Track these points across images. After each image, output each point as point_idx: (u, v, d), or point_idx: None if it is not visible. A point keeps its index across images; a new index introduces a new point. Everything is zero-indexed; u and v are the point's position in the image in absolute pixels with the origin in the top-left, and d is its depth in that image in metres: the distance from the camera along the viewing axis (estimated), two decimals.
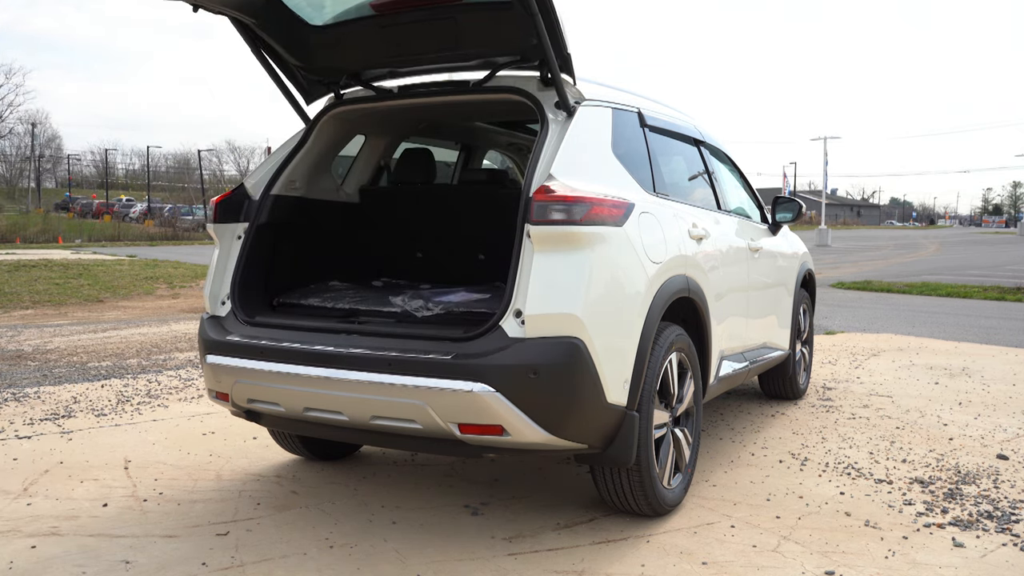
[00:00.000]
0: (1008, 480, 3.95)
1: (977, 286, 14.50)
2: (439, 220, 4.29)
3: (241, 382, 3.27)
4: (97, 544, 3.12)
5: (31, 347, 7.80)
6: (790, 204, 5.24)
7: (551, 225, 2.88)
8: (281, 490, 3.77)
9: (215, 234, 3.68)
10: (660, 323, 3.28)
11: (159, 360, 7.14)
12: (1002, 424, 5.03)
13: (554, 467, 4.12)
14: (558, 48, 3.13)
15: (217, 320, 3.50)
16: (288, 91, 3.80)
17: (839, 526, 3.35)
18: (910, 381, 6.34)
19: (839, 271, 19.40)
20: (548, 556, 3.04)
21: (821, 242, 36.42)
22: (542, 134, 3.14)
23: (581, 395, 2.88)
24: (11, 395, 5.62)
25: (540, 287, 2.86)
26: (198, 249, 28.88)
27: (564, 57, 3.19)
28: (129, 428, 4.82)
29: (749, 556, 3.04)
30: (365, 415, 3.03)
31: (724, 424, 5.05)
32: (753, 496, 3.70)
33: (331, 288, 3.86)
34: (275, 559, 3.00)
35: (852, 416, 5.22)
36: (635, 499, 3.29)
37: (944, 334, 9.00)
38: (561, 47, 3.13)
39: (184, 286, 14.29)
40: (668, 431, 3.45)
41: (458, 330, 3.01)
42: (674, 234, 3.48)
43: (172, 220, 42.64)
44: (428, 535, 3.23)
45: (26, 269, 16.08)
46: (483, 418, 2.83)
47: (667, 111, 4.23)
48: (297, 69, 3.74)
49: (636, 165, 3.51)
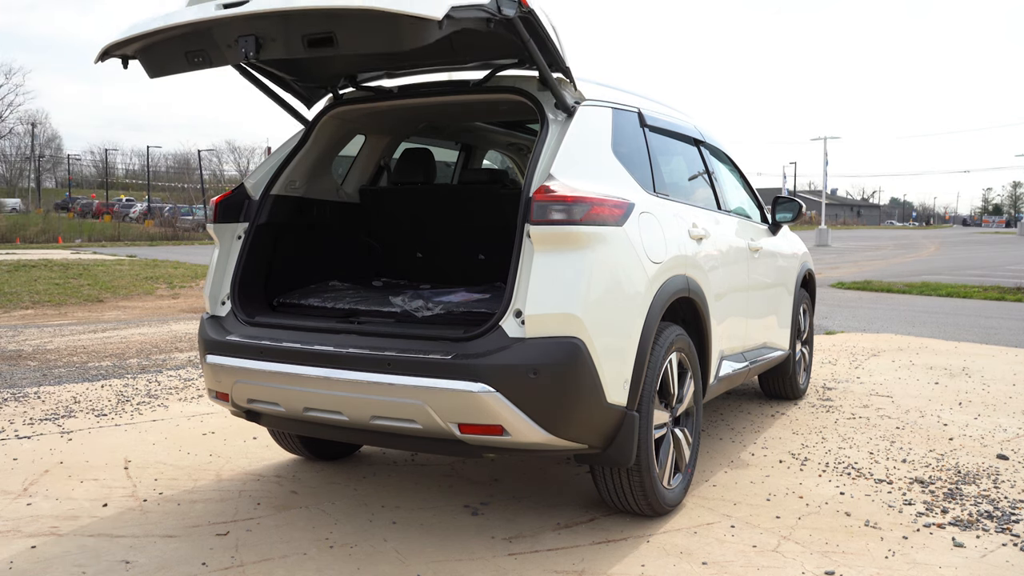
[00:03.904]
0: (1008, 480, 3.95)
1: (977, 286, 14.50)
2: (439, 220, 4.29)
3: (241, 382, 3.27)
4: (97, 544, 3.12)
5: (31, 347, 7.80)
6: (790, 204, 5.24)
7: (551, 225, 2.88)
8: (281, 490, 3.77)
9: (215, 234, 3.68)
10: (660, 323, 3.28)
11: (159, 360, 7.14)
12: (1002, 424, 5.03)
13: (554, 467, 4.12)
14: (555, 62, 3.13)
15: (217, 320, 3.50)
16: (286, 103, 3.80)
17: (839, 526, 3.35)
18: (910, 381, 6.34)
19: (839, 271, 19.40)
20: (548, 556, 3.04)
21: (821, 242, 36.41)
22: (542, 134, 3.14)
23: (581, 395, 2.88)
24: (11, 395, 5.62)
25: (540, 287, 2.86)
26: (198, 249, 28.87)
27: (563, 70, 3.21)
28: (129, 428, 4.82)
29: (749, 556, 3.04)
30: (365, 415, 3.03)
31: (724, 424, 5.05)
32: (753, 496, 3.70)
33: (331, 288, 3.86)
34: (275, 559, 3.00)
35: (852, 416, 5.22)
36: (635, 499, 3.29)
37: (944, 334, 9.00)
38: (559, 62, 3.14)
39: (184, 286, 14.29)
40: (668, 431, 3.45)
41: (458, 330, 3.01)
42: (674, 234, 3.48)
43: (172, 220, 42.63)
44: (428, 535, 3.23)
45: (26, 269, 16.08)
46: (483, 418, 2.83)
47: (667, 111, 4.23)
48: (292, 81, 3.74)
49: (636, 165, 3.51)
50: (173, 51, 3.05)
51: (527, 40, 2.92)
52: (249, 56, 2.90)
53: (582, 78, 3.44)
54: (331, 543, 3.15)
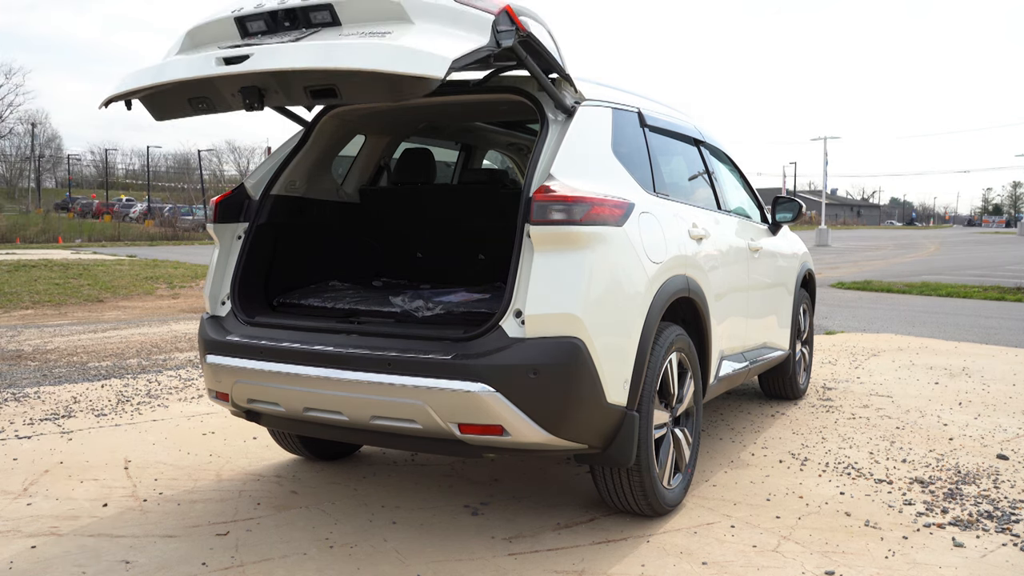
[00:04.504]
0: (1008, 480, 3.95)
1: (977, 286, 14.49)
2: (439, 220, 4.29)
3: (241, 382, 3.27)
4: (97, 544, 3.12)
5: (31, 347, 7.80)
6: (790, 204, 5.25)
7: (551, 225, 2.88)
8: (281, 490, 3.77)
9: (215, 234, 3.68)
10: (660, 323, 3.28)
11: (159, 360, 7.14)
12: (1002, 424, 5.03)
13: (554, 467, 4.12)
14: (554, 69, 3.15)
15: (217, 320, 3.50)
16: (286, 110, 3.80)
17: (839, 526, 3.35)
18: (910, 381, 6.34)
19: (839, 271, 19.40)
20: (548, 556, 3.04)
21: (821, 242, 36.41)
22: (542, 134, 3.14)
23: (581, 395, 2.88)
24: (11, 395, 5.62)
25: (540, 287, 2.86)
26: (198, 249, 28.87)
27: (564, 76, 3.22)
28: (129, 428, 4.82)
29: (749, 556, 3.04)
30: (365, 415, 3.03)
31: (724, 424, 5.05)
32: (753, 496, 3.70)
33: (331, 288, 3.86)
34: (275, 559, 3.00)
35: (852, 416, 5.22)
36: (635, 499, 3.29)
37: (944, 334, 9.00)
38: (559, 70, 3.15)
39: (184, 286, 14.29)
40: (668, 431, 3.45)
41: (458, 330, 3.01)
42: (674, 234, 3.48)
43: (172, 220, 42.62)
44: (428, 535, 3.23)
45: (26, 269, 16.07)
46: (483, 418, 2.83)
47: (667, 111, 4.23)
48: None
49: (636, 165, 3.51)
50: (176, 98, 3.12)
51: (525, 58, 2.96)
52: (253, 106, 2.99)
53: (582, 78, 3.44)
54: (331, 543, 3.15)
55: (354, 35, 2.79)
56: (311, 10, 2.89)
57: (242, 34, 3.04)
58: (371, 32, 2.77)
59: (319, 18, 2.89)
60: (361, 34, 2.78)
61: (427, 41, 2.63)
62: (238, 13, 3.02)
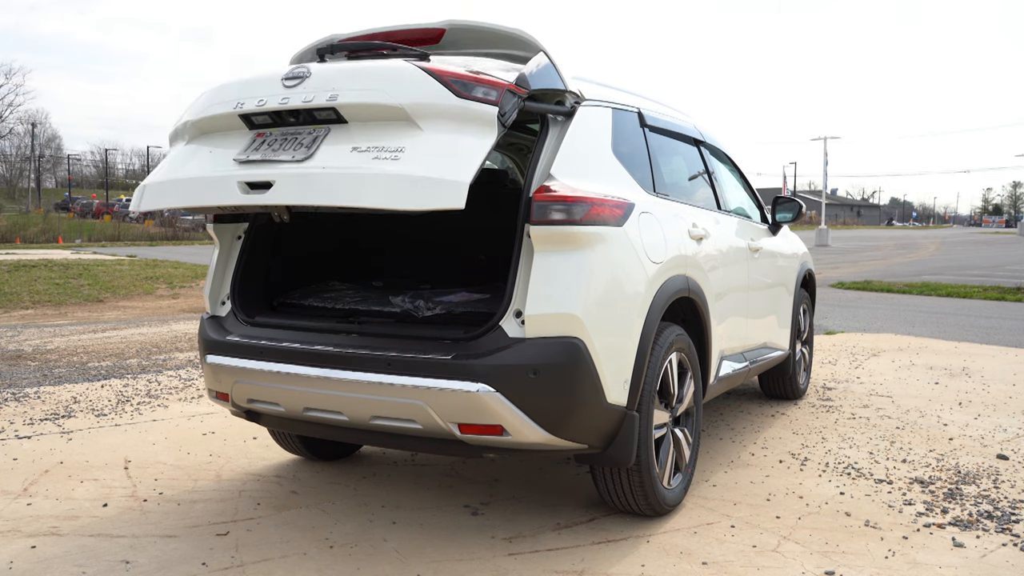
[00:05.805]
0: (1008, 480, 3.95)
1: (977, 286, 14.50)
2: (439, 220, 4.28)
3: (241, 382, 3.27)
4: (97, 544, 3.12)
5: (31, 347, 7.80)
6: (790, 204, 5.25)
7: (551, 225, 2.88)
8: (281, 490, 3.77)
9: (215, 234, 3.67)
10: (660, 323, 3.28)
11: (159, 360, 7.14)
12: (1002, 424, 5.03)
13: (554, 467, 4.12)
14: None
15: (217, 320, 3.51)
16: None
17: (839, 526, 3.35)
18: (910, 381, 6.34)
19: (839, 271, 19.40)
20: (548, 556, 3.04)
21: (821, 242, 36.42)
22: (542, 134, 3.13)
23: (581, 395, 2.88)
24: (11, 395, 5.63)
25: (540, 287, 2.86)
26: (198, 249, 28.87)
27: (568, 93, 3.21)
28: (129, 428, 4.82)
29: (749, 556, 3.04)
30: (365, 415, 3.03)
31: (724, 424, 5.05)
32: (753, 496, 3.70)
33: (331, 288, 3.86)
34: (275, 559, 3.00)
35: (852, 416, 5.22)
36: (635, 499, 3.29)
37: (944, 334, 9.00)
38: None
39: (184, 286, 14.29)
40: (668, 431, 3.45)
41: (458, 330, 3.01)
42: (674, 234, 3.48)
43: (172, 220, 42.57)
44: (428, 535, 3.23)
45: (26, 269, 16.07)
46: (483, 418, 2.83)
47: (667, 111, 4.23)
48: None
49: (636, 165, 3.51)
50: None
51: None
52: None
53: (582, 78, 3.43)
54: (331, 543, 3.15)
55: (366, 150, 2.73)
56: (315, 110, 2.87)
57: (249, 127, 3.04)
58: (382, 148, 2.71)
59: (323, 116, 2.87)
60: (375, 152, 2.71)
61: (442, 164, 2.60)
62: (240, 110, 3.00)
